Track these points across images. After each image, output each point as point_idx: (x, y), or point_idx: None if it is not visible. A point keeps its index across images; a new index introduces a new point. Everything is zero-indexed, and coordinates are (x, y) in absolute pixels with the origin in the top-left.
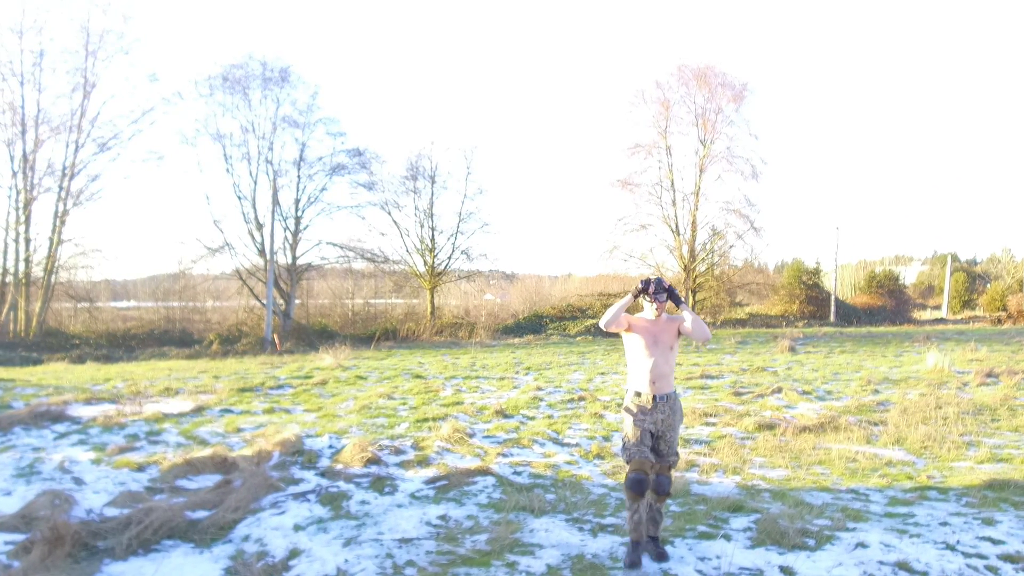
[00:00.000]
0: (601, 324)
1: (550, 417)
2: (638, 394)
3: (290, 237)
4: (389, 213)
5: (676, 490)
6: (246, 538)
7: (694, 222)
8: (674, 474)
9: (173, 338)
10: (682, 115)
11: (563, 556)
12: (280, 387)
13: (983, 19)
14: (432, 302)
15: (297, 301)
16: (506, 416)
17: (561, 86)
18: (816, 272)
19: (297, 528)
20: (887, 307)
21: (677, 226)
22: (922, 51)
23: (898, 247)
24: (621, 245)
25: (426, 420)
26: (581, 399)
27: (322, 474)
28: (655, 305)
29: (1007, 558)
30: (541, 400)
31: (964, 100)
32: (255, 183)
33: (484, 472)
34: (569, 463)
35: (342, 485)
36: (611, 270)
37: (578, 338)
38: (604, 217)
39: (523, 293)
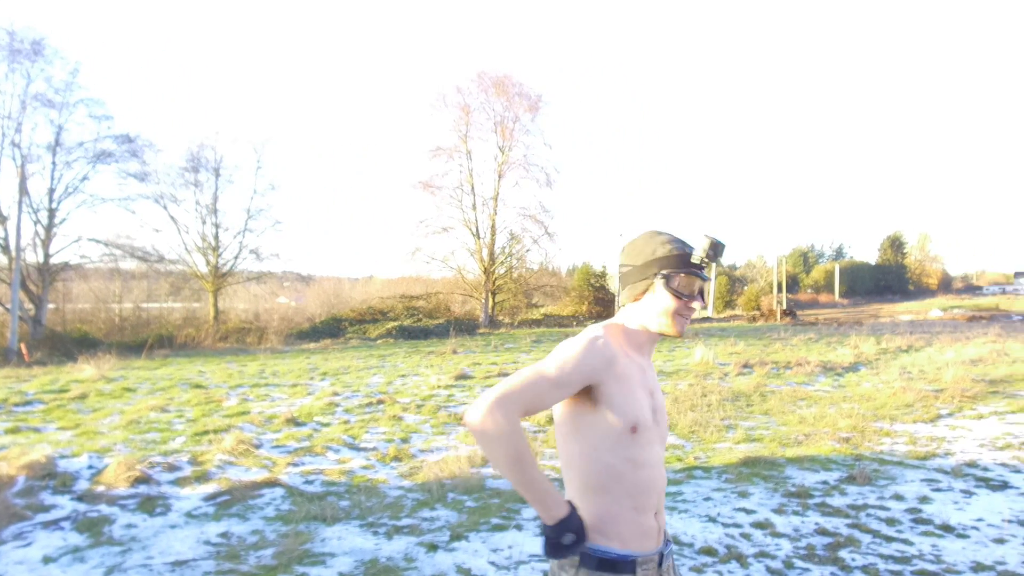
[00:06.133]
0: (500, 398)
1: (346, 422)
2: (622, 566)
3: (42, 232)
4: (165, 207)
5: (471, 486)
6: None
7: (493, 226)
8: (470, 470)
9: None
10: (482, 121)
11: (356, 562)
12: (28, 403)
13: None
14: (216, 305)
15: (51, 305)
16: (298, 424)
17: (363, 84)
18: (603, 275)
19: (48, 560)
20: None
21: (478, 230)
22: (691, 71)
23: None
24: (424, 247)
25: (206, 433)
26: (380, 402)
27: (79, 498)
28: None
29: (758, 525)
30: (337, 406)
31: (722, 118)
32: None
33: (272, 483)
34: (365, 468)
35: (104, 509)
36: (414, 272)
37: (379, 341)
38: (407, 219)
39: (321, 296)
